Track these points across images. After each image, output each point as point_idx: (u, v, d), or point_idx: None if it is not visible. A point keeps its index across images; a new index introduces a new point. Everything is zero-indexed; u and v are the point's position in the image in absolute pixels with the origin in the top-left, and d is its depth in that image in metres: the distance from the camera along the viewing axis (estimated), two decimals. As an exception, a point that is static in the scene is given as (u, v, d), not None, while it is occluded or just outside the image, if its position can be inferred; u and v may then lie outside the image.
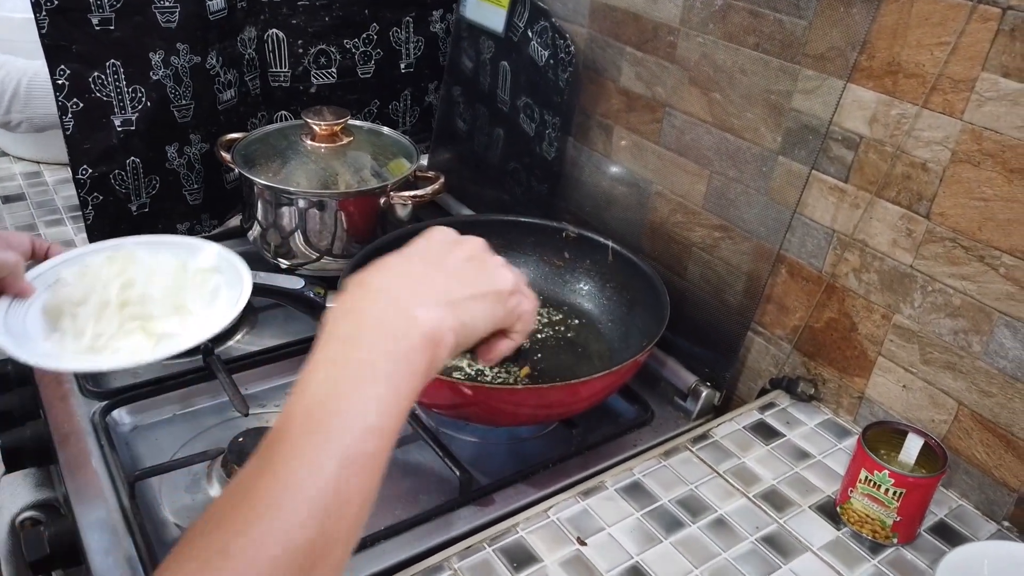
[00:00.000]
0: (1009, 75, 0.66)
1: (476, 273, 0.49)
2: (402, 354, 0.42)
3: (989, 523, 0.75)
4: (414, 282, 0.46)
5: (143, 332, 0.67)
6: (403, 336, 0.43)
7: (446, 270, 0.48)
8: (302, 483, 0.37)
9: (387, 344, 0.42)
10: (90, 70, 1.02)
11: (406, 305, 0.44)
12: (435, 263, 0.48)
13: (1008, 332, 0.71)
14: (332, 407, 0.39)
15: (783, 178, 0.85)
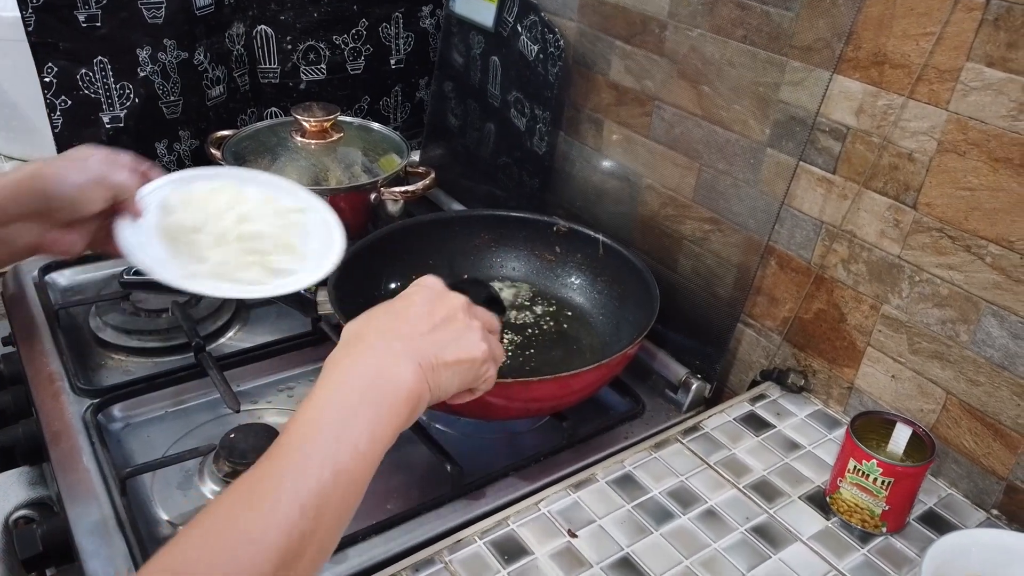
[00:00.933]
0: (993, 65, 0.67)
1: (456, 340, 0.56)
2: (388, 406, 0.50)
3: (978, 511, 0.75)
4: (402, 342, 0.53)
5: (261, 267, 0.71)
6: (390, 392, 0.50)
7: (430, 333, 0.55)
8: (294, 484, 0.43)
9: (376, 395, 0.50)
10: (78, 67, 1.02)
11: (394, 364, 0.51)
12: (420, 323, 0.55)
13: (995, 321, 0.71)
14: (328, 430, 0.47)
15: (772, 170, 0.85)
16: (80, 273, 1.07)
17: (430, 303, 0.57)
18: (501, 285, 1.03)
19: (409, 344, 0.53)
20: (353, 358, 0.51)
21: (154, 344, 0.94)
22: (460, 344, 0.56)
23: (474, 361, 0.56)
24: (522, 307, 1.00)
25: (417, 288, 0.59)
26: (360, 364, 0.51)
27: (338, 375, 0.50)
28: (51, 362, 0.89)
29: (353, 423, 0.47)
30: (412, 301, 0.57)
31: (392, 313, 0.56)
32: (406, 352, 0.52)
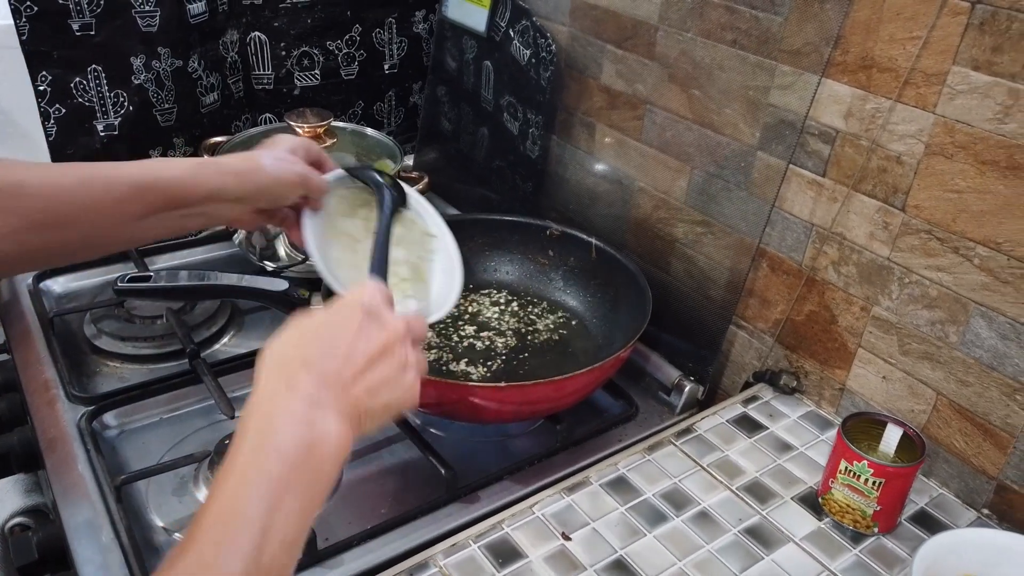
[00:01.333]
0: (979, 68, 0.67)
1: (389, 383, 0.52)
2: (318, 481, 0.46)
3: (969, 511, 0.76)
4: (331, 391, 0.48)
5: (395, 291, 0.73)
6: (319, 462, 0.46)
7: (362, 374, 0.50)
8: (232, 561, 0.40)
9: (306, 469, 0.45)
10: (72, 75, 1.02)
11: (323, 421, 0.47)
12: (352, 359, 0.50)
13: (983, 322, 0.72)
14: (254, 518, 0.42)
15: (762, 173, 0.86)
16: (74, 280, 1.07)
17: (365, 332, 0.52)
18: (494, 290, 1.03)
19: (339, 394, 0.49)
20: (279, 412, 0.46)
21: (149, 351, 0.94)
22: (393, 389, 0.52)
23: (402, 406, 0.54)
24: (515, 311, 1.00)
25: (352, 309, 0.53)
26: (288, 424, 0.46)
27: (263, 434, 0.45)
28: (46, 369, 0.89)
29: (281, 508, 0.43)
30: (345, 327, 0.52)
31: (322, 342, 0.50)
32: (336, 405, 0.48)
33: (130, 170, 0.63)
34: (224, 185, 0.67)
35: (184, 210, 0.66)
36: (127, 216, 0.63)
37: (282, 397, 0.47)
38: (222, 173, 0.67)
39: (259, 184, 0.69)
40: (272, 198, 0.71)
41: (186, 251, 1.15)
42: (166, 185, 0.64)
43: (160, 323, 0.97)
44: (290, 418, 0.46)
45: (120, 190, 0.62)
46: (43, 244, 0.60)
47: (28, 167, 0.60)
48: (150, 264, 1.10)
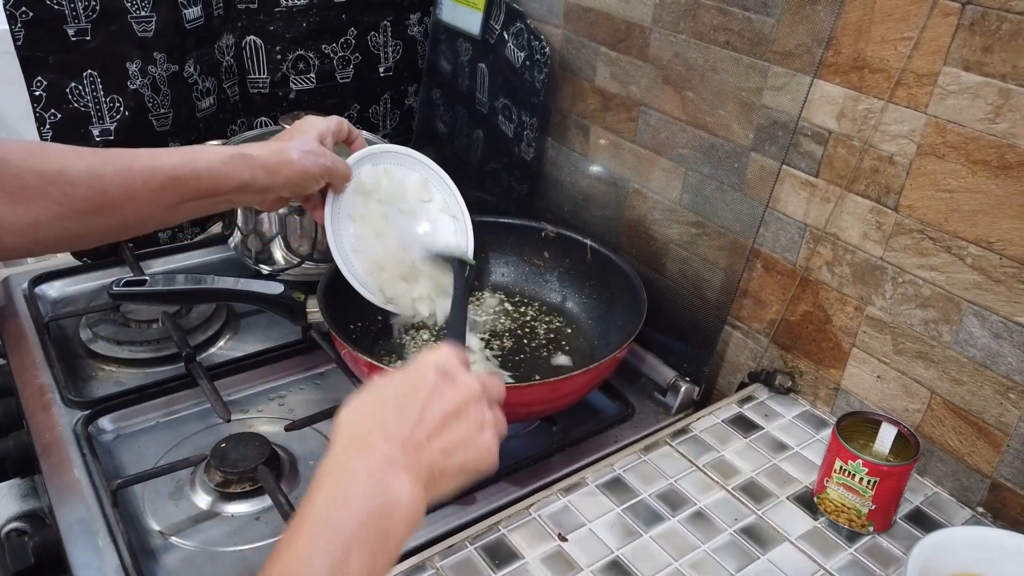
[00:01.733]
0: (970, 69, 0.68)
1: (464, 445, 0.50)
2: (385, 529, 0.45)
3: (964, 509, 0.76)
4: (404, 452, 0.48)
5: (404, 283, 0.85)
6: (387, 511, 0.45)
7: (437, 436, 0.49)
8: None
9: (371, 516, 0.45)
10: (67, 81, 1.02)
11: (396, 483, 0.46)
12: (426, 421, 0.49)
13: (976, 321, 0.72)
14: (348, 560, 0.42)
15: (755, 174, 0.86)
16: (70, 285, 1.07)
17: (439, 392, 0.51)
18: (490, 292, 1.04)
19: (413, 455, 0.48)
20: (353, 471, 0.46)
21: (145, 355, 0.94)
22: (468, 451, 0.51)
23: (478, 471, 0.52)
24: (511, 312, 1.01)
25: (426, 369, 0.52)
26: (361, 484, 0.46)
27: (336, 492, 0.45)
28: (41, 374, 0.89)
29: (349, 567, 0.42)
30: (420, 387, 0.51)
31: (396, 403, 0.50)
32: (409, 466, 0.47)
33: (168, 160, 0.66)
34: (254, 178, 0.70)
35: (215, 198, 0.69)
36: (163, 204, 0.66)
37: (357, 458, 0.47)
38: (252, 167, 0.70)
39: (287, 178, 0.73)
40: (298, 189, 0.75)
41: (182, 255, 1.15)
42: (200, 176, 0.67)
43: (156, 327, 0.97)
44: (364, 478, 0.46)
45: (158, 180, 0.65)
46: (83, 229, 0.62)
47: (69, 154, 0.62)
48: (146, 268, 1.10)
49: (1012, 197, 0.67)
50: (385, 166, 0.87)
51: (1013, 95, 0.65)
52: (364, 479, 0.46)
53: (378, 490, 0.45)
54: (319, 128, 0.77)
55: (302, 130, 0.76)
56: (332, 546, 0.42)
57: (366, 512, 0.44)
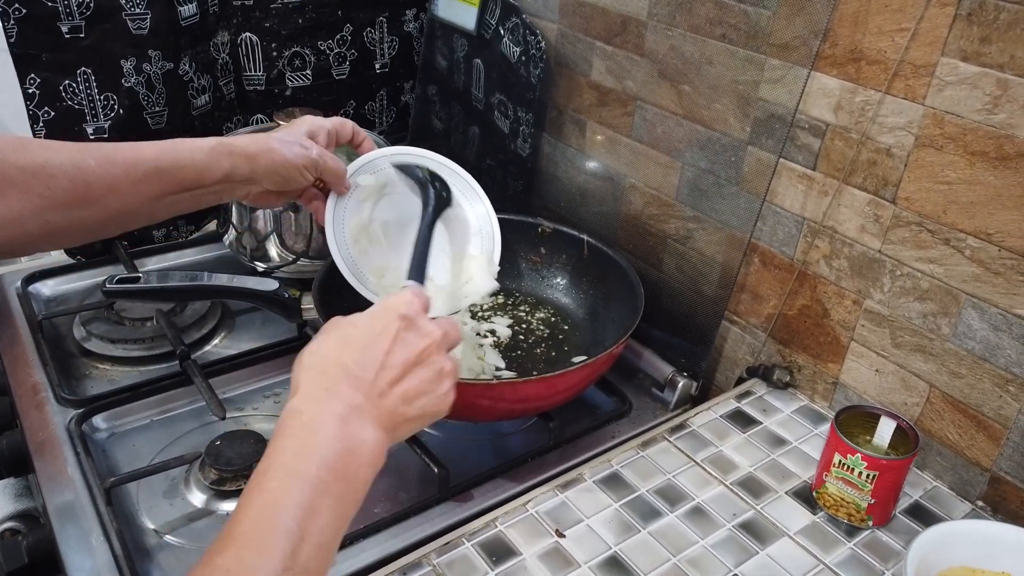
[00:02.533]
0: (968, 59, 0.67)
1: (425, 393, 0.53)
2: (351, 473, 0.47)
3: (963, 503, 0.76)
4: (367, 398, 0.50)
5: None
6: (353, 456, 0.47)
7: (399, 383, 0.51)
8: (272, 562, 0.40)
9: (338, 462, 0.46)
10: (61, 78, 1.02)
11: (359, 430, 0.48)
12: (389, 367, 0.51)
13: (975, 313, 0.72)
14: (290, 519, 0.43)
15: (753, 167, 0.86)
16: (64, 283, 1.07)
17: (402, 340, 0.52)
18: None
19: (376, 402, 0.50)
20: (319, 418, 0.48)
21: (139, 353, 0.94)
22: (428, 398, 0.53)
23: (437, 414, 0.54)
24: (507, 308, 1.00)
25: (390, 316, 0.53)
26: (328, 431, 0.47)
27: (303, 438, 0.47)
28: (35, 372, 0.89)
29: (319, 512, 0.44)
30: (384, 334, 0.52)
31: (360, 349, 0.51)
32: (373, 412, 0.49)
33: (150, 152, 0.65)
34: (234, 167, 0.69)
35: (199, 191, 0.68)
36: (146, 197, 0.65)
37: (323, 403, 0.48)
38: (233, 155, 0.69)
39: (268, 167, 0.71)
40: (281, 180, 0.72)
41: (176, 252, 1.15)
42: (183, 167, 0.66)
43: (150, 325, 0.96)
44: (331, 424, 0.47)
45: (140, 172, 0.64)
46: (65, 223, 0.61)
47: (51, 147, 0.61)
48: (140, 266, 1.09)
49: (1010, 188, 0.67)
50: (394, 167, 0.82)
51: (1011, 85, 0.65)
52: (332, 426, 0.47)
53: (345, 437, 0.47)
54: (311, 124, 0.76)
55: (295, 124, 0.76)
56: (302, 494, 0.44)
57: (334, 457, 0.46)
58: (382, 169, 0.81)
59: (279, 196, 0.75)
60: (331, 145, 0.78)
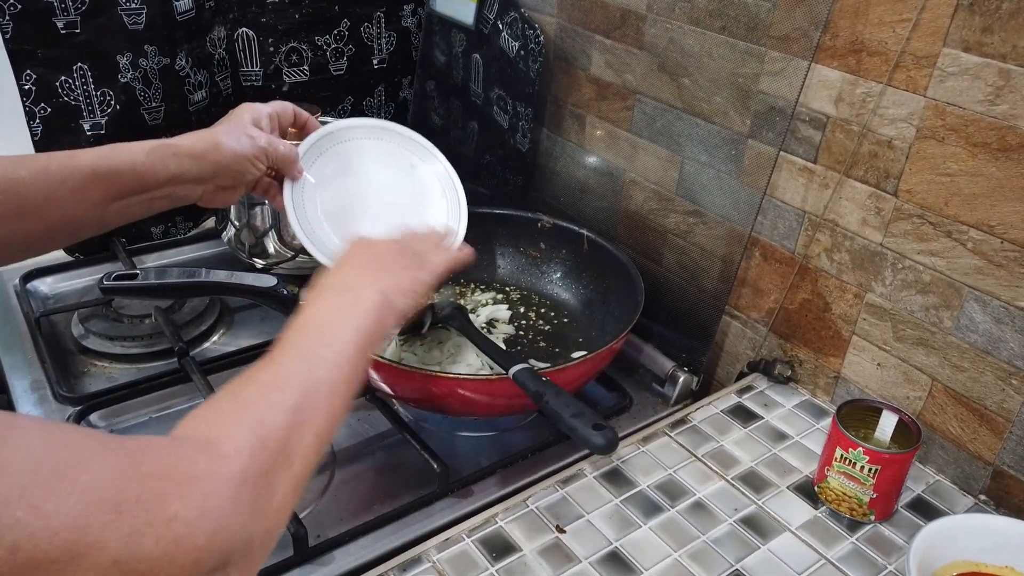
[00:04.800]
0: (969, 50, 0.67)
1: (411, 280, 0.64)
2: (361, 310, 0.57)
3: (966, 497, 0.75)
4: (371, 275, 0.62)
5: None
6: (360, 302, 0.58)
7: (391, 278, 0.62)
8: (296, 375, 0.48)
9: (349, 304, 0.57)
10: (57, 74, 1.01)
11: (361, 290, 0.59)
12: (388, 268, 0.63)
13: (977, 306, 0.71)
14: (326, 332, 0.53)
15: (753, 161, 0.85)
16: (62, 280, 1.06)
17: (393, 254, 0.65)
18: (486, 284, 1.03)
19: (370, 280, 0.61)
20: (326, 291, 0.59)
21: (137, 350, 0.93)
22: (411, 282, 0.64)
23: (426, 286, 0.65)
24: (508, 304, 1.00)
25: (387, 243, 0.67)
26: (332, 293, 0.59)
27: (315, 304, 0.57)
28: (33, 370, 0.88)
29: (342, 326, 0.54)
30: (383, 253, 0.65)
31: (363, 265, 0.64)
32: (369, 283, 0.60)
33: (86, 158, 0.64)
34: (180, 168, 0.67)
35: (146, 195, 0.67)
36: (88, 204, 0.64)
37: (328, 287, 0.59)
38: (178, 156, 0.67)
39: (217, 163, 0.69)
40: (234, 174, 0.71)
41: (174, 249, 1.14)
42: (122, 172, 0.64)
43: (148, 322, 0.96)
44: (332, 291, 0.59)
45: (76, 179, 0.63)
46: (5, 236, 0.61)
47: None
48: (138, 263, 1.09)
49: (1013, 180, 0.66)
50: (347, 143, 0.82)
51: (1013, 76, 0.64)
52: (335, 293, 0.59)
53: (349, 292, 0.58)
54: (253, 112, 0.73)
55: (235, 115, 0.73)
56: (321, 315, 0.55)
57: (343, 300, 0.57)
58: (332, 147, 0.80)
59: (233, 191, 0.73)
60: (275, 130, 0.76)
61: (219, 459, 0.40)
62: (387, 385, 0.80)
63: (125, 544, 0.34)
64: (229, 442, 0.41)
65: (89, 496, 0.34)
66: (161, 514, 0.36)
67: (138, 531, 0.35)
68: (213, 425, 0.43)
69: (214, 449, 0.41)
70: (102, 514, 0.34)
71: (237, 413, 0.44)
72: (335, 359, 0.51)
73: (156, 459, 0.38)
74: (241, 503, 0.40)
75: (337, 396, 0.50)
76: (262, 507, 0.41)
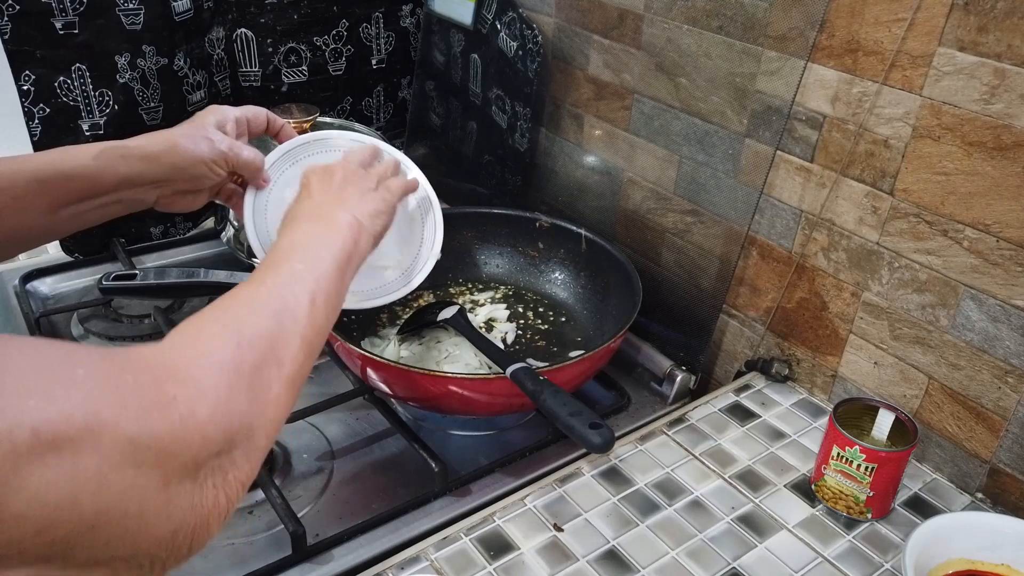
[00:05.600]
0: (965, 49, 0.67)
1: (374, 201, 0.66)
2: (340, 233, 0.60)
3: (963, 495, 0.76)
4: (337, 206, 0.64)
5: None
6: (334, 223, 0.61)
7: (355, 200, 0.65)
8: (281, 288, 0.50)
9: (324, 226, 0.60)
10: (55, 75, 1.02)
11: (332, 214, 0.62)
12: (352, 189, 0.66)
13: (973, 304, 0.71)
14: (304, 253, 0.55)
15: (750, 160, 0.85)
16: (61, 280, 1.06)
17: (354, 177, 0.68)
18: (485, 283, 1.03)
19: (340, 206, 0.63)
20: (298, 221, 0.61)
21: (137, 350, 0.94)
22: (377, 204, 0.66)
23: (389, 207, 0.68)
24: (506, 303, 1.00)
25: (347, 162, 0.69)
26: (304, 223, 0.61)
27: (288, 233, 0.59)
28: (33, 370, 0.88)
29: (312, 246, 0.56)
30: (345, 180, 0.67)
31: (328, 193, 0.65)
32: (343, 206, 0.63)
33: (30, 163, 0.61)
34: (132, 171, 0.64)
35: (96, 200, 0.64)
36: (34, 212, 0.61)
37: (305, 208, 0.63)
38: (128, 158, 0.64)
39: (173, 165, 0.66)
40: (191, 178, 0.67)
41: (174, 250, 1.15)
42: (70, 177, 0.62)
43: (148, 322, 0.96)
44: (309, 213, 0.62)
45: (21, 186, 0.60)
46: None
47: None
48: (138, 263, 1.09)
49: (1008, 178, 0.66)
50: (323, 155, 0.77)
51: (1008, 75, 0.64)
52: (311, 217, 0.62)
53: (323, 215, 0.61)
54: (218, 115, 0.70)
55: (198, 117, 0.70)
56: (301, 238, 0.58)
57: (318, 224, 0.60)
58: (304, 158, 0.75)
59: (194, 196, 0.70)
60: (243, 135, 0.72)
61: (206, 352, 0.42)
62: (385, 384, 0.80)
63: (136, 423, 0.35)
64: (214, 339, 0.44)
65: (91, 384, 0.35)
66: (161, 396, 0.38)
67: (145, 411, 0.36)
68: (197, 330, 0.44)
69: (200, 345, 0.43)
70: (108, 397, 0.35)
71: (219, 319, 0.46)
72: (314, 274, 0.53)
73: (142, 355, 0.40)
74: (236, 389, 0.42)
75: (319, 307, 0.51)
76: (258, 396, 0.43)
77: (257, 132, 0.74)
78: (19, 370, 0.33)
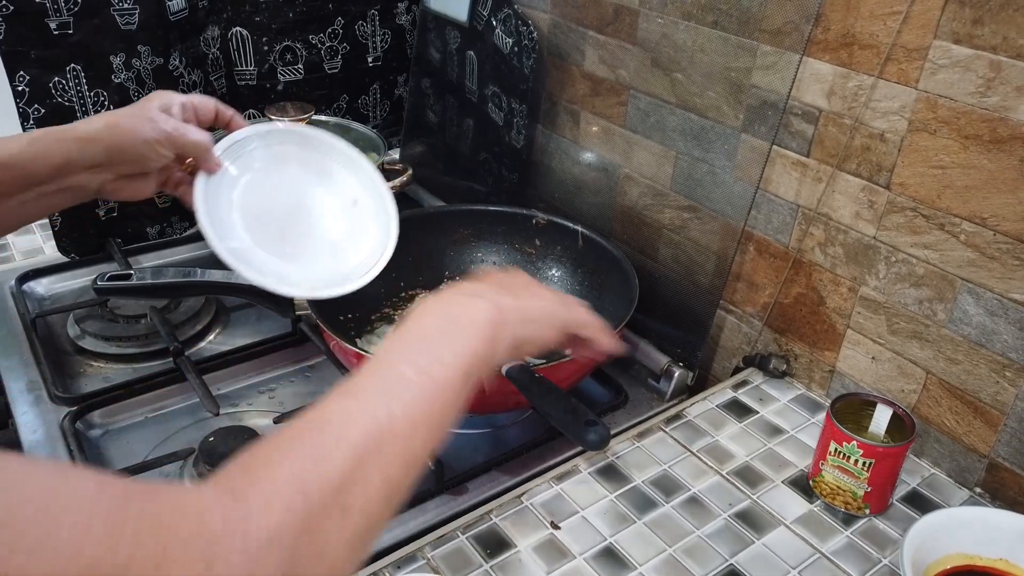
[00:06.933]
0: (960, 42, 0.66)
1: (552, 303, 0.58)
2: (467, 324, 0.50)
3: (961, 490, 0.75)
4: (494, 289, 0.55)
5: None
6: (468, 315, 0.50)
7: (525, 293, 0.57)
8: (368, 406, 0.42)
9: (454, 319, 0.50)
10: (50, 75, 1.01)
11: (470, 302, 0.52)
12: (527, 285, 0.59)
13: (971, 299, 0.71)
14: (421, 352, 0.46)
15: (746, 155, 0.85)
16: (57, 281, 1.06)
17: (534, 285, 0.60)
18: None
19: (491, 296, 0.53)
20: (429, 304, 0.51)
21: (133, 350, 0.94)
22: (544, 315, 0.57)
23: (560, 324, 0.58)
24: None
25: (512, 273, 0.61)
26: (435, 306, 0.51)
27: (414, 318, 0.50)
28: (29, 371, 0.89)
29: (433, 341, 0.47)
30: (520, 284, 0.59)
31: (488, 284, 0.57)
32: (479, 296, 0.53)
33: None
34: (70, 154, 0.61)
35: (38, 188, 0.61)
36: None
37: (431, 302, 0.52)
38: (63, 141, 0.62)
39: (113, 145, 0.63)
40: (134, 160, 0.65)
41: (170, 249, 1.15)
42: (4, 166, 0.60)
43: (144, 322, 0.96)
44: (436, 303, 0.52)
45: None
46: None
47: None
48: (134, 263, 1.09)
49: (1005, 172, 0.66)
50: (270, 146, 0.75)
51: (1004, 67, 0.64)
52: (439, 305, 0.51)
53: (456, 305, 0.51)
54: (162, 99, 0.67)
55: (142, 100, 0.67)
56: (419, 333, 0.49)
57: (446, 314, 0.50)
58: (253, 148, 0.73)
59: (142, 181, 0.67)
60: (190, 121, 0.69)
61: (240, 515, 0.34)
62: (381, 383, 0.80)
63: None
64: (259, 495, 0.35)
65: (69, 551, 0.28)
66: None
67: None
68: (248, 472, 0.36)
69: (237, 504, 0.34)
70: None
71: (279, 457, 0.37)
72: (423, 384, 0.43)
73: (160, 512, 0.32)
74: (265, 567, 0.33)
75: (420, 430, 0.42)
76: (300, 572, 0.35)
77: (206, 121, 0.71)
78: None
